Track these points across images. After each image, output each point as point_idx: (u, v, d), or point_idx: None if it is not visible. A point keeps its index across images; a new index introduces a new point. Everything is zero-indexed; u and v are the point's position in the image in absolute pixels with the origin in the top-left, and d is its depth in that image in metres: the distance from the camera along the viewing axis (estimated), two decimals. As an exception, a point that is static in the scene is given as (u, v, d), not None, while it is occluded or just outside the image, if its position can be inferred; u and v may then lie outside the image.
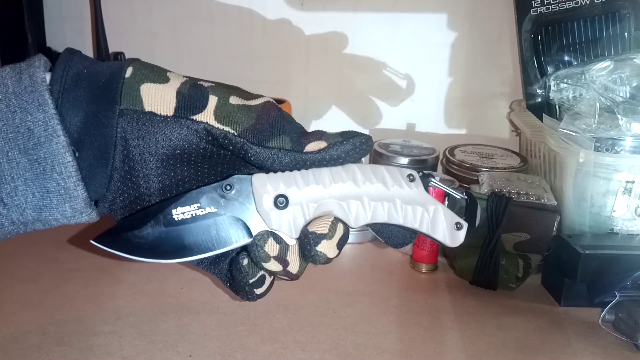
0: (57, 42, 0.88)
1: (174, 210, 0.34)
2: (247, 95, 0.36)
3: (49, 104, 0.33)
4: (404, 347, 0.48)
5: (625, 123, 0.56)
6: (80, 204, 0.34)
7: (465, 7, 0.79)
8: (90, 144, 0.34)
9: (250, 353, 0.46)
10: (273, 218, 0.34)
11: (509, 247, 0.56)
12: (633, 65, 0.61)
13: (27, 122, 0.33)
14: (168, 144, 0.34)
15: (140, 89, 0.34)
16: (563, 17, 0.68)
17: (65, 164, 0.33)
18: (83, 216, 0.35)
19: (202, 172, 0.36)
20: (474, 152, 0.76)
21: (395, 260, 0.65)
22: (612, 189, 0.58)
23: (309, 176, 0.34)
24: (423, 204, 0.35)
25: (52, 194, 0.34)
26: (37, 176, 0.33)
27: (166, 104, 0.34)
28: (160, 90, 0.34)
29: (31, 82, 0.33)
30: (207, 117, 0.34)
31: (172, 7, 0.86)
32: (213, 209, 0.34)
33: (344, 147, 0.34)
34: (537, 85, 0.70)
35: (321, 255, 0.34)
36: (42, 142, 0.33)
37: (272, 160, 0.34)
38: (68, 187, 0.33)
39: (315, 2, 0.82)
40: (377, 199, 0.34)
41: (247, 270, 0.35)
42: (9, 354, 0.45)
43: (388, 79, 0.84)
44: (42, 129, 0.33)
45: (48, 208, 0.34)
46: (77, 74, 0.34)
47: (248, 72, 0.87)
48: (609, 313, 0.51)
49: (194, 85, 0.36)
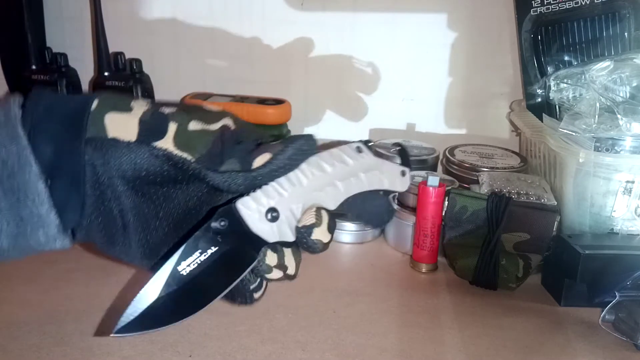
0: (57, 42, 0.88)
1: (179, 267, 0.35)
2: (208, 118, 0.38)
3: (21, 136, 0.35)
4: (404, 347, 0.48)
5: (625, 123, 0.56)
6: (53, 230, 0.36)
7: (465, 7, 0.79)
8: (62, 173, 0.36)
9: (250, 353, 0.46)
10: (271, 232, 0.36)
11: (509, 247, 0.56)
12: (633, 65, 0.61)
13: (1, 154, 0.35)
14: (133, 167, 0.36)
15: (105, 118, 0.36)
16: (563, 17, 0.68)
17: (38, 192, 0.35)
18: (57, 242, 0.37)
19: (171, 191, 0.38)
20: (474, 152, 0.76)
21: (395, 260, 0.65)
22: (612, 189, 0.58)
23: (283, 182, 0.36)
24: (376, 167, 0.40)
25: (26, 221, 0.35)
26: (12, 205, 0.35)
27: (129, 131, 0.36)
28: (123, 119, 0.36)
29: (5, 118, 0.35)
30: (167, 144, 0.36)
31: (172, 7, 0.86)
32: (214, 249, 0.35)
33: (287, 153, 0.36)
34: (537, 85, 0.70)
35: (317, 242, 0.36)
36: (15, 172, 0.34)
37: (227, 183, 0.36)
38: (41, 214, 0.35)
39: (315, 2, 0.82)
40: (344, 177, 0.38)
41: (248, 277, 0.37)
42: (9, 354, 0.45)
43: (388, 79, 0.84)
44: (16, 160, 0.34)
45: (23, 235, 0.35)
46: (46, 108, 0.36)
47: (248, 72, 0.87)
48: (609, 313, 0.51)
49: (155, 112, 0.38)
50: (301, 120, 0.86)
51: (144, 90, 0.76)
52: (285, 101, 0.78)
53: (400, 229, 0.66)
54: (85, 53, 0.88)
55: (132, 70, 0.76)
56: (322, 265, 0.61)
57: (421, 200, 0.60)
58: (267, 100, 0.78)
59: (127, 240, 0.38)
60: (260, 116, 0.76)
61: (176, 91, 0.87)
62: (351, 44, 0.83)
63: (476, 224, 0.57)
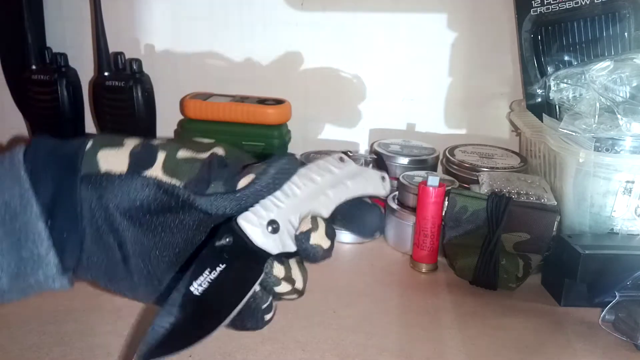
0: (57, 42, 0.88)
1: (192, 287, 0.35)
2: (198, 148, 0.39)
3: (24, 179, 0.36)
4: (404, 347, 0.48)
5: (625, 123, 0.56)
6: (52, 270, 0.37)
7: (465, 7, 0.79)
8: (60, 212, 0.37)
9: (250, 353, 0.46)
10: (274, 244, 0.36)
11: (509, 247, 0.56)
12: (633, 65, 0.61)
13: (4, 197, 0.36)
14: (127, 198, 0.37)
15: (98, 155, 0.37)
16: (563, 17, 0.68)
17: (38, 232, 0.36)
18: (56, 282, 0.37)
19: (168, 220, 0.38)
20: (474, 152, 0.76)
21: (395, 260, 0.65)
22: (612, 189, 0.58)
23: (279, 195, 0.38)
24: (360, 174, 0.42)
25: (26, 261, 0.36)
26: (12, 245, 0.36)
27: (120, 164, 0.37)
28: (114, 154, 0.38)
29: (10, 163, 0.37)
30: (156, 172, 0.37)
31: (172, 7, 0.86)
32: (222, 266, 0.35)
33: (270, 172, 0.37)
34: (537, 85, 0.70)
35: (316, 247, 0.36)
36: (17, 213, 0.36)
37: (215, 206, 0.37)
38: (41, 253, 0.36)
39: (315, 2, 0.82)
40: (333, 186, 0.40)
41: (260, 295, 0.37)
42: (9, 354, 0.45)
43: (388, 79, 0.84)
44: (18, 202, 0.36)
45: (22, 275, 0.36)
46: (46, 152, 0.38)
47: (248, 72, 0.87)
48: (609, 313, 0.51)
49: (145, 144, 0.39)
50: (301, 120, 0.86)
51: (144, 90, 0.76)
52: (285, 101, 0.78)
53: (400, 229, 0.66)
54: (85, 53, 0.88)
55: (132, 70, 0.76)
56: (322, 265, 0.61)
57: (421, 200, 0.60)
58: (267, 100, 0.78)
59: (129, 275, 0.38)
60: (260, 116, 0.76)
61: (176, 91, 0.87)
62: (351, 44, 0.83)
63: (476, 224, 0.57)
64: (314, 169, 0.40)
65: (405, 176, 0.68)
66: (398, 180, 0.68)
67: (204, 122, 0.77)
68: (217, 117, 0.76)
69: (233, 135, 0.76)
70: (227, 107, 0.76)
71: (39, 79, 0.78)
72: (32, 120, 0.82)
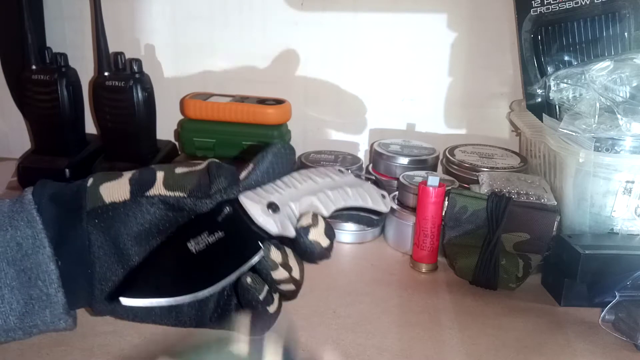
0: (57, 42, 0.88)
1: (189, 244, 0.36)
2: (192, 165, 0.41)
3: (37, 220, 0.37)
4: (404, 347, 0.48)
5: (625, 123, 0.56)
6: (59, 309, 0.37)
7: (465, 7, 0.79)
8: (68, 250, 0.37)
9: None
10: (273, 223, 0.37)
11: (509, 247, 0.56)
12: (633, 65, 0.61)
13: (16, 237, 0.36)
14: (135, 222, 0.38)
15: (100, 189, 0.39)
16: (563, 17, 0.68)
17: (49, 272, 0.37)
18: (61, 322, 0.38)
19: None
20: (474, 152, 0.76)
21: (395, 260, 0.65)
22: (612, 189, 0.58)
23: (280, 183, 0.39)
24: (360, 185, 0.42)
25: (35, 300, 0.37)
26: (23, 284, 0.36)
27: (122, 192, 0.38)
28: (115, 185, 0.39)
29: (21, 204, 0.38)
30: (158, 190, 0.38)
31: (172, 7, 0.86)
32: (221, 233, 0.36)
33: (267, 159, 0.39)
34: (537, 85, 0.70)
35: (315, 243, 0.37)
36: (29, 253, 0.36)
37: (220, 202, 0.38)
38: (50, 293, 0.37)
39: (315, 2, 0.82)
40: (332, 188, 0.41)
41: (253, 286, 0.38)
42: (9, 354, 0.45)
43: (388, 79, 0.84)
44: (31, 242, 0.36)
45: (30, 314, 0.37)
46: (51, 194, 0.39)
47: (248, 72, 0.87)
48: (609, 313, 0.51)
49: (142, 169, 0.40)
50: (301, 120, 0.86)
51: (144, 90, 0.76)
52: (285, 101, 0.78)
53: (400, 229, 0.66)
54: (85, 53, 0.88)
55: (132, 70, 0.76)
56: (322, 265, 0.61)
57: (421, 200, 0.60)
58: (267, 100, 0.78)
59: None
60: (260, 116, 0.76)
61: (176, 91, 0.87)
62: (351, 44, 0.83)
63: (476, 224, 0.57)
64: (313, 171, 0.41)
65: (405, 176, 0.68)
66: (398, 180, 0.69)
67: (204, 122, 0.77)
68: (217, 117, 0.76)
69: (233, 135, 0.76)
70: (227, 107, 0.76)
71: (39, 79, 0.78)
72: (32, 120, 0.82)
